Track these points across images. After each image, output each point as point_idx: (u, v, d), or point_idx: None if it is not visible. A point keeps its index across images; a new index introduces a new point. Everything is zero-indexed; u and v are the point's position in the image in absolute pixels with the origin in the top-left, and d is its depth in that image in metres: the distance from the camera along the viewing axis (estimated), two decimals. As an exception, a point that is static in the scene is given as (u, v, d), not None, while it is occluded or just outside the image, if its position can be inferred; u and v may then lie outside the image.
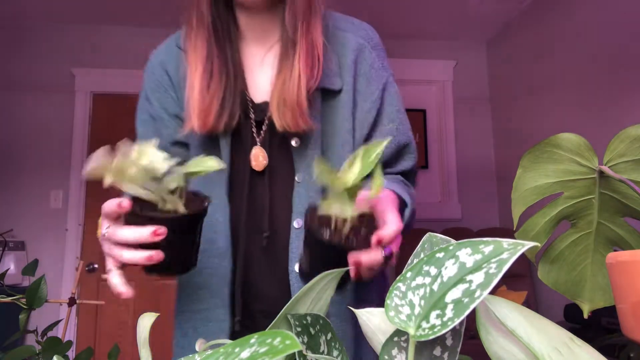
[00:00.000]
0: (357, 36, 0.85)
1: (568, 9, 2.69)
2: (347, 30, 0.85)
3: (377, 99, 0.83)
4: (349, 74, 0.81)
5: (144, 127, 0.88)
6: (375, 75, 0.83)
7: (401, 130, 0.85)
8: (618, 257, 0.37)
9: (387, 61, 0.88)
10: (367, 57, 0.83)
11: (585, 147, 0.51)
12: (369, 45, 0.84)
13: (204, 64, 0.77)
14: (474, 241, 0.32)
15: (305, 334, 0.38)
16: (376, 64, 0.84)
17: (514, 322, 0.31)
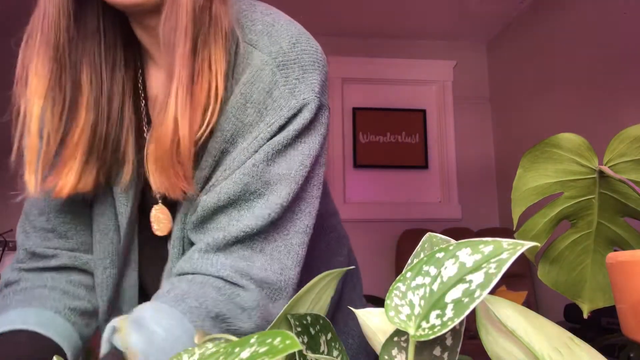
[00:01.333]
0: (265, 54, 0.58)
1: (568, 9, 2.70)
2: (258, 46, 0.59)
3: (261, 139, 0.57)
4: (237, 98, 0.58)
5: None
6: (272, 107, 0.57)
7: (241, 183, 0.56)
8: (618, 257, 0.37)
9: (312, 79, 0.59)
10: (265, 80, 0.57)
11: (585, 147, 0.51)
12: (274, 64, 0.57)
13: (48, 96, 0.57)
14: (474, 241, 0.32)
15: (305, 334, 0.38)
16: (276, 91, 0.57)
17: (514, 322, 0.31)
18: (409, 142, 3.44)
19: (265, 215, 0.55)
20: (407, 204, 3.34)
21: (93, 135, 0.58)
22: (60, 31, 0.56)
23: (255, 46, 0.59)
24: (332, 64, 3.61)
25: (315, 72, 0.59)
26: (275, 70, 0.57)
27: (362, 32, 3.40)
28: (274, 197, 0.56)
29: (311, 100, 0.58)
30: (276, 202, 0.56)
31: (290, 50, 0.58)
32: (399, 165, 3.38)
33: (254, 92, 0.57)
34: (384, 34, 3.44)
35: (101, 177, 0.59)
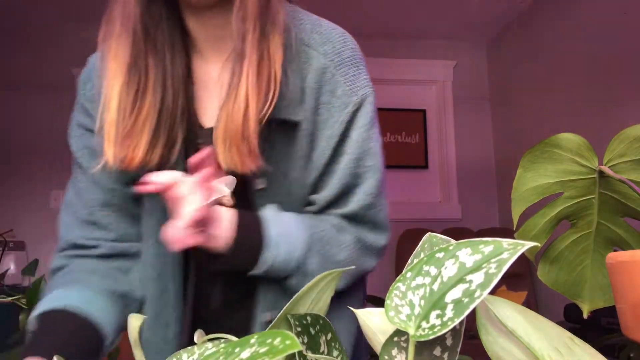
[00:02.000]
0: (320, 52, 0.68)
1: (568, 9, 2.69)
2: (311, 45, 0.68)
3: (336, 133, 0.67)
4: (308, 105, 0.67)
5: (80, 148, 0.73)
6: (339, 105, 0.67)
7: (352, 170, 0.68)
8: (618, 257, 0.37)
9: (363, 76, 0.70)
10: (329, 82, 0.67)
11: (585, 147, 0.51)
12: (332, 65, 0.67)
13: (126, 76, 0.61)
14: (474, 241, 0.32)
15: (305, 334, 0.38)
16: (340, 89, 0.67)
17: (514, 322, 0.31)
18: (409, 142, 3.44)
19: (365, 201, 0.69)
20: (407, 204, 3.34)
21: (159, 113, 0.63)
22: (137, 21, 0.62)
23: (309, 45, 0.68)
24: (332, 64, 3.53)
25: (364, 66, 0.70)
26: (334, 71, 0.67)
27: (362, 33, 3.39)
28: (366, 186, 0.69)
29: (369, 94, 0.70)
30: (369, 190, 0.69)
31: (342, 48, 0.69)
32: (399, 165, 3.38)
33: (321, 94, 0.67)
34: (384, 34, 3.44)
35: (165, 153, 0.64)
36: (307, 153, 0.68)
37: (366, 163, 0.69)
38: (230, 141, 0.60)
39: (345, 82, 0.68)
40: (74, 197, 0.72)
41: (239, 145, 0.60)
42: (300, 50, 0.67)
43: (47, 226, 3.00)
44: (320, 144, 0.68)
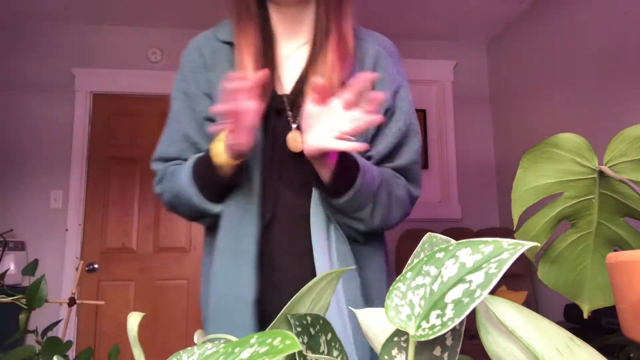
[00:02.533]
0: (375, 44, 0.92)
1: (568, 9, 2.69)
2: (367, 39, 0.92)
3: (387, 100, 0.87)
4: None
5: (179, 103, 0.94)
6: (389, 79, 0.89)
7: (403, 131, 0.89)
8: (618, 257, 0.37)
9: (403, 69, 0.94)
10: (382, 62, 0.90)
11: (585, 147, 0.51)
12: (384, 52, 0.92)
13: (252, 58, 0.84)
14: (474, 241, 0.32)
15: (305, 334, 0.38)
16: (391, 69, 0.91)
17: (514, 322, 0.31)
18: (409, 142, 3.44)
19: (413, 157, 0.90)
20: (407, 204, 3.34)
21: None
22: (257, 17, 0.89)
23: (366, 40, 0.92)
24: (332, 64, 3.51)
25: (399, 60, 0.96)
26: (387, 56, 0.92)
27: (362, 32, 3.40)
28: (414, 145, 0.90)
29: (405, 80, 0.94)
30: (416, 148, 0.90)
31: (390, 45, 0.95)
32: (399, 165, 3.38)
33: (378, 70, 0.89)
34: (384, 34, 3.43)
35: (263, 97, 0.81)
36: None
37: (412, 127, 0.90)
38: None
39: (394, 66, 0.92)
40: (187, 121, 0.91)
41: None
42: (358, 43, 0.90)
43: (47, 226, 3.00)
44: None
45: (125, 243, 3.09)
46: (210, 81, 0.90)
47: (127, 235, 3.10)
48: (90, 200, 3.10)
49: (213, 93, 0.89)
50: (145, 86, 3.22)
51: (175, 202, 0.89)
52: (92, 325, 2.96)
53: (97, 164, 3.14)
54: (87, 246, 3.05)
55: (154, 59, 3.27)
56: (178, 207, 0.90)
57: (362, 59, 0.90)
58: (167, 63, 3.28)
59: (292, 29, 0.91)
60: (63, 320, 1.16)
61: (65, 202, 3.05)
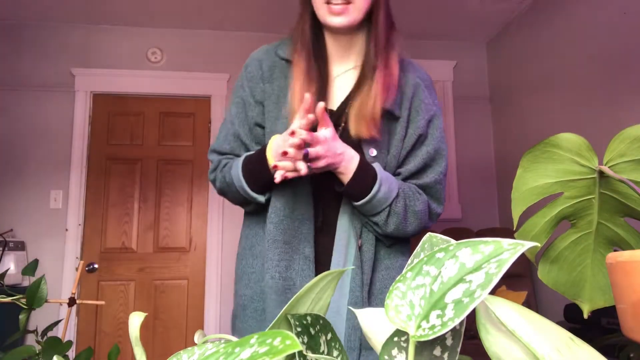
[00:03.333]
0: (415, 76, 1.04)
1: (568, 9, 2.69)
2: (408, 70, 1.05)
3: (421, 127, 1.00)
4: (406, 106, 1.00)
5: (237, 108, 1.06)
6: (425, 108, 1.01)
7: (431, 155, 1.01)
8: (618, 257, 0.37)
9: (437, 99, 1.06)
10: (420, 93, 1.02)
11: (585, 147, 0.51)
12: (423, 84, 1.03)
13: (304, 76, 0.96)
14: (474, 241, 0.32)
15: (305, 334, 0.38)
16: (427, 99, 1.02)
17: (514, 322, 0.31)
18: (409, 142, 3.44)
19: (437, 177, 1.01)
20: (407, 204, 3.34)
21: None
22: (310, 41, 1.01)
23: (407, 70, 1.05)
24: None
25: (434, 91, 1.08)
26: (424, 88, 1.04)
27: (362, 32, 3.40)
28: (439, 167, 1.02)
29: (439, 110, 1.06)
30: (440, 170, 1.02)
31: (427, 78, 1.08)
32: (399, 165, 3.39)
33: (414, 100, 1.02)
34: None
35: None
36: (401, 138, 1.00)
37: (440, 152, 1.02)
38: (361, 117, 0.94)
39: (430, 96, 1.04)
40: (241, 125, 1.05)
41: (368, 120, 0.93)
42: (401, 74, 1.02)
43: (47, 226, 3.00)
44: (410, 132, 1.00)
45: (125, 243, 3.09)
46: (264, 91, 1.03)
47: (127, 235, 3.10)
48: (90, 200, 3.10)
49: (265, 102, 1.02)
50: (145, 86, 3.22)
51: (226, 189, 1.04)
52: (92, 325, 2.96)
53: (97, 164, 3.14)
54: (87, 246, 3.05)
55: (154, 59, 3.27)
56: (228, 193, 1.04)
57: (404, 89, 1.01)
58: (167, 63, 3.28)
59: (344, 53, 1.04)
60: (63, 320, 1.16)
61: (65, 202, 3.05)
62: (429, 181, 1.00)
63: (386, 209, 0.93)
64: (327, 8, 0.95)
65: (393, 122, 1.00)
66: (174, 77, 3.23)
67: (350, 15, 0.95)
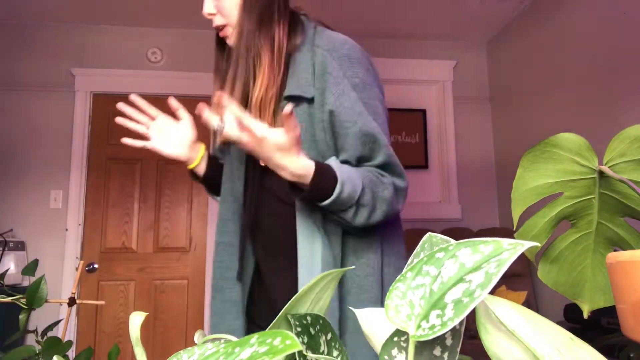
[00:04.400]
0: (324, 50, 0.95)
1: (568, 9, 2.69)
2: (319, 45, 0.96)
3: (330, 103, 0.91)
4: (317, 86, 0.93)
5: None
6: (333, 81, 0.92)
7: (365, 131, 0.91)
8: (618, 257, 0.37)
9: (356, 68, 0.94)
10: (328, 67, 0.93)
11: (585, 147, 0.51)
12: (330, 56, 0.94)
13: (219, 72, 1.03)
14: (474, 241, 0.32)
15: (305, 334, 0.38)
16: (335, 71, 0.93)
17: (514, 322, 0.31)
18: (409, 142, 3.44)
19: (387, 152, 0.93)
20: (407, 203, 3.33)
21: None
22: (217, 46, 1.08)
23: (319, 46, 0.96)
24: (332, 64, 3.49)
25: (359, 63, 0.96)
26: (332, 60, 0.94)
27: (362, 33, 3.40)
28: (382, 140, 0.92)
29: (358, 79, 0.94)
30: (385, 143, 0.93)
31: (341, 47, 0.95)
32: (399, 165, 3.38)
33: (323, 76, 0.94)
34: (384, 34, 3.44)
35: None
36: (320, 120, 0.93)
37: (376, 124, 0.92)
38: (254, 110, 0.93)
39: (340, 68, 0.93)
40: None
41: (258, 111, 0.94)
42: (312, 51, 0.96)
43: (47, 226, 3.00)
44: (325, 114, 0.93)
45: (125, 243, 3.09)
46: None
47: (127, 235, 3.10)
48: (90, 200, 3.10)
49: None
50: (145, 86, 3.22)
51: None
52: (92, 325, 2.96)
53: (97, 164, 3.14)
54: (87, 246, 3.05)
55: (154, 59, 3.27)
56: None
57: (315, 65, 0.95)
58: (167, 63, 3.28)
59: None
60: (63, 320, 1.17)
61: (65, 202, 3.05)
62: (383, 159, 0.92)
63: (353, 206, 0.87)
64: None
65: (311, 105, 0.94)
66: (174, 77, 3.23)
67: (232, 36, 0.99)
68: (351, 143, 0.92)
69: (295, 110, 0.91)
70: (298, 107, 0.93)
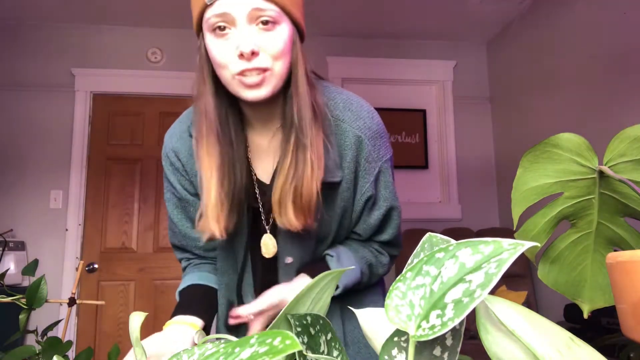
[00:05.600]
0: (355, 128, 0.86)
1: (568, 9, 2.70)
2: (345, 120, 0.86)
3: (370, 189, 0.88)
4: (349, 167, 0.86)
5: (172, 206, 0.98)
6: (369, 168, 0.87)
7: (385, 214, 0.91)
8: (618, 257, 0.37)
9: (386, 143, 0.90)
10: (364, 151, 0.86)
11: (585, 147, 0.51)
12: (365, 138, 0.86)
13: (219, 172, 0.81)
14: (474, 241, 0.32)
15: (305, 334, 0.38)
16: (372, 156, 0.87)
17: (514, 322, 0.31)
18: (409, 142, 3.44)
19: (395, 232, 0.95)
20: (407, 204, 3.34)
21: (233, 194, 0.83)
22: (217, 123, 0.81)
23: (344, 121, 0.86)
24: (332, 64, 3.65)
25: (386, 135, 0.91)
26: (368, 142, 0.86)
27: (362, 32, 3.40)
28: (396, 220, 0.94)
29: (386, 162, 0.90)
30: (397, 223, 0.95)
31: (371, 123, 0.87)
32: (399, 165, 3.38)
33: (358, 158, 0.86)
34: (384, 34, 3.44)
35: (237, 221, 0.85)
36: (348, 203, 0.88)
37: (393, 208, 0.92)
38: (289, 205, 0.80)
39: (375, 150, 0.87)
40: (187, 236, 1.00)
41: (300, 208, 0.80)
42: (337, 126, 0.85)
43: (47, 226, 3.00)
44: (357, 197, 0.88)
45: (125, 243, 3.09)
46: (192, 184, 0.92)
47: (127, 235, 3.10)
48: (90, 200, 3.10)
49: (199, 190, 0.86)
50: (145, 86, 3.22)
51: None
52: (92, 325, 2.96)
53: (97, 164, 3.14)
54: (87, 246, 3.05)
55: (154, 59, 3.27)
56: None
57: (342, 145, 0.85)
58: (167, 63, 3.28)
59: (267, 121, 0.87)
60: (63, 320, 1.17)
61: (65, 202, 3.05)
62: (389, 237, 0.94)
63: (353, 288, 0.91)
64: (238, 81, 0.76)
65: (332, 190, 0.85)
66: (174, 77, 3.23)
67: (269, 84, 0.76)
68: (370, 224, 0.91)
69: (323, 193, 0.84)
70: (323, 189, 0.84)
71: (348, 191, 0.87)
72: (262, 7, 0.73)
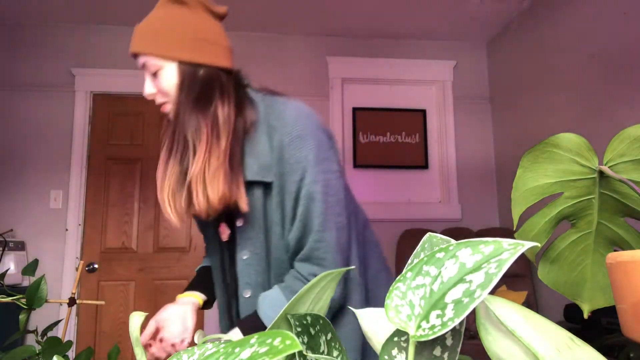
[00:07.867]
0: (280, 133, 0.94)
1: (568, 9, 2.69)
2: (276, 127, 0.95)
3: (294, 190, 0.94)
4: (275, 170, 0.94)
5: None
6: (291, 170, 0.93)
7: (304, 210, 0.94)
8: (618, 257, 0.37)
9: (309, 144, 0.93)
10: (286, 154, 0.94)
11: (585, 147, 0.51)
12: (285, 140, 0.94)
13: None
14: (474, 241, 0.32)
15: (305, 334, 0.38)
16: (294, 157, 0.93)
17: (514, 322, 0.31)
18: (409, 142, 3.44)
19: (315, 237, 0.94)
20: (407, 204, 3.34)
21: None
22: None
23: (276, 128, 0.95)
24: (333, 64, 3.65)
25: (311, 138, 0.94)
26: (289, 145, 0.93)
27: (362, 33, 3.40)
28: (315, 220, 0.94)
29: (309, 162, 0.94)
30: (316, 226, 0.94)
31: (292, 129, 0.94)
32: (399, 165, 3.39)
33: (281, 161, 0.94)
34: (384, 34, 3.44)
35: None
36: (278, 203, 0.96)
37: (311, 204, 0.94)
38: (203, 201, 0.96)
39: (298, 150, 0.93)
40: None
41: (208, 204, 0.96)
42: (268, 132, 0.96)
43: (47, 226, 3.00)
44: (286, 199, 0.95)
45: (125, 243, 3.09)
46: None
47: (127, 235, 3.10)
48: (90, 200, 3.10)
49: None
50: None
51: None
52: (92, 325, 2.96)
53: (97, 164, 3.14)
54: (87, 246, 3.05)
55: (154, 59, 3.27)
56: None
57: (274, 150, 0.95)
58: (167, 63, 3.28)
59: None
60: (63, 320, 1.16)
61: (65, 202, 3.05)
62: (308, 246, 0.94)
63: None
64: None
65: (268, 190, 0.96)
66: (174, 77, 3.22)
67: (171, 111, 0.99)
68: (296, 226, 0.95)
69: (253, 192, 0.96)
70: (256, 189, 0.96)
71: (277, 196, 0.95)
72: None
